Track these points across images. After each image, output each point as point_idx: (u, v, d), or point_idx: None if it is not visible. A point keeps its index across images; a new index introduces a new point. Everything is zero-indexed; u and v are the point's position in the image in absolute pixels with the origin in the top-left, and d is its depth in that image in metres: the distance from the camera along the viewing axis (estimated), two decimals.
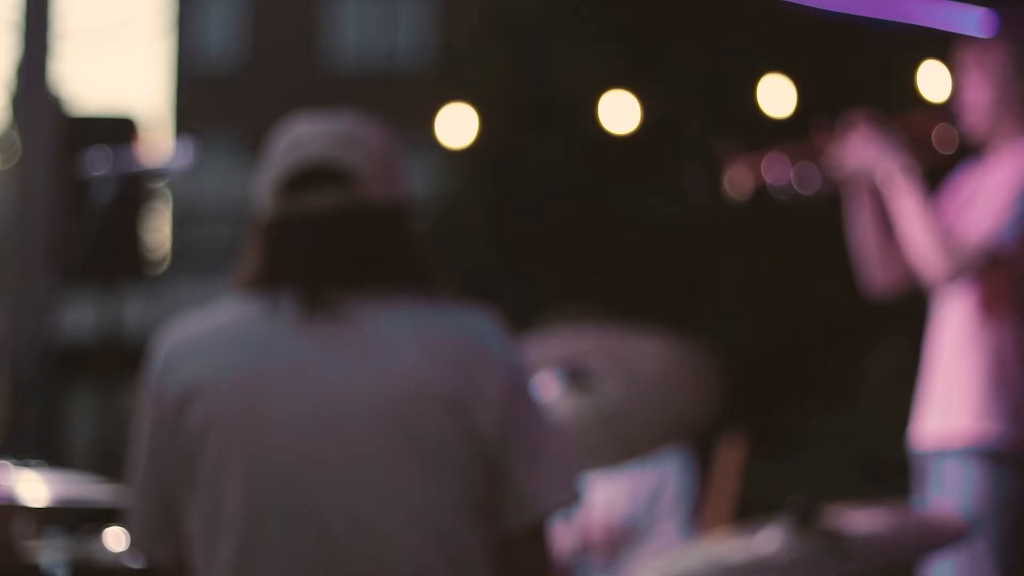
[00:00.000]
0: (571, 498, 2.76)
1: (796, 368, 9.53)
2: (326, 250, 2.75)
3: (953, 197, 4.68)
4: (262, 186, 2.81)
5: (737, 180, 4.75)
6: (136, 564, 3.09)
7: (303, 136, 2.80)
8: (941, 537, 3.28)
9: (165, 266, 20.41)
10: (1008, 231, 4.47)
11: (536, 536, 2.76)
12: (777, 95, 7.42)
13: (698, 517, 5.50)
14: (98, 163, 4.54)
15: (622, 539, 5.34)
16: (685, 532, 5.33)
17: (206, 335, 2.76)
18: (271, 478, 2.66)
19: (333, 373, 2.69)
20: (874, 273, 4.76)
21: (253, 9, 28.77)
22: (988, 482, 4.44)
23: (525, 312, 6.60)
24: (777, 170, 4.73)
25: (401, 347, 2.70)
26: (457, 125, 7.79)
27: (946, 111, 4.66)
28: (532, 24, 11.29)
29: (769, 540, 3.29)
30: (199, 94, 26.93)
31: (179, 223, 23.30)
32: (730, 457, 5.52)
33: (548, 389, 3.67)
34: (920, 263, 4.50)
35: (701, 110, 10.13)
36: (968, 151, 4.74)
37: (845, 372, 7.91)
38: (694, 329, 9.48)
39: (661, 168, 9.99)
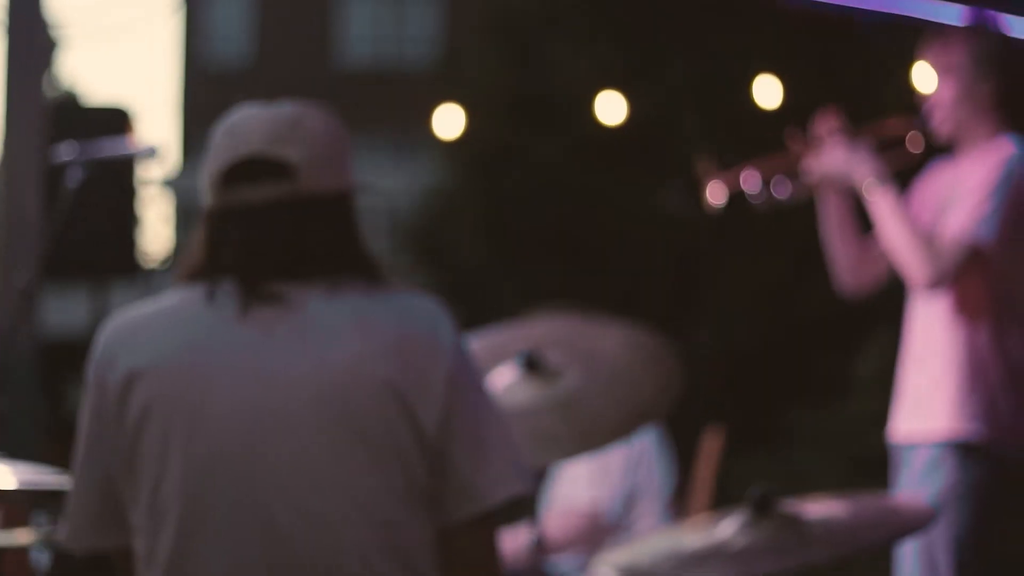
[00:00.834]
0: (518, 490, 2.73)
1: (791, 364, 9.52)
2: (265, 242, 2.71)
3: (925, 196, 4.68)
4: (204, 177, 2.79)
5: (716, 194, 4.78)
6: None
7: (242, 126, 2.77)
8: (905, 524, 3.27)
9: (168, 263, 20.40)
10: (985, 226, 4.46)
11: (483, 527, 2.73)
12: (772, 94, 7.43)
13: (677, 507, 5.50)
14: (68, 150, 4.54)
15: (607, 529, 5.33)
16: (663, 519, 5.32)
17: (148, 323, 2.73)
18: (211, 468, 2.64)
19: (274, 364, 2.66)
20: (844, 276, 4.79)
21: (262, 6, 28.81)
22: (956, 471, 4.45)
23: (523, 311, 6.58)
24: (754, 180, 4.76)
25: (342, 336, 2.67)
26: (455, 123, 7.80)
27: (919, 116, 4.66)
28: (532, 23, 11.29)
29: (729, 528, 3.28)
30: (207, 90, 26.97)
31: (183, 221, 23.31)
32: (710, 450, 5.53)
33: (508, 379, 3.66)
34: (904, 269, 4.51)
35: (699, 109, 10.13)
36: (940, 150, 4.75)
37: (840, 368, 7.90)
38: (690, 327, 9.49)
39: (660, 167, 9.99)
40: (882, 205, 4.53)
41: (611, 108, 7.79)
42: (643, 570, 3.24)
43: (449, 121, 7.62)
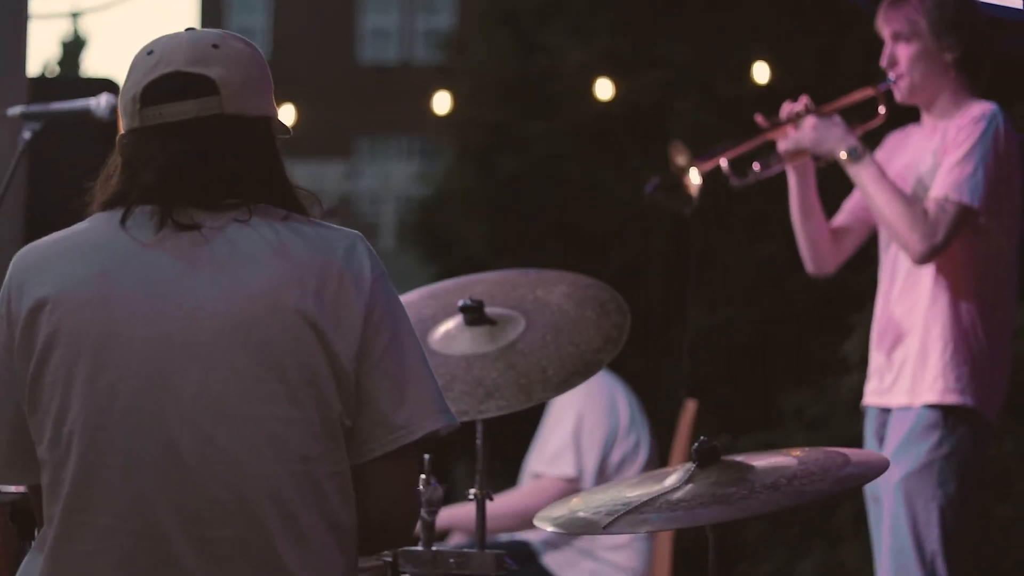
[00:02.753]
0: (438, 427, 2.66)
1: (788, 346, 9.45)
2: (185, 162, 2.64)
3: (899, 165, 4.61)
4: (122, 99, 2.71)
5: (695, 181, 4.74)
6: None
7: (163, 47, 2.71)
8: (854, 474, 3.17)
9: None
10: (969, 184, 4.37)
11: (401, 464, 2.66)
12: (765, 79, 7.39)
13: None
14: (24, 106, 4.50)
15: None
16: None
17: (59, 251, 2.66)
18: (115, 398, 2.56)
19: (185, 291, 2.59)
20: (808, 257, 4.75)
21: (281, 1, 28.83)
22: (942, 434, 4.40)
23: None
24: (730, 162, 4.71)
25: (258, 265, 2.60)
26: (449, 107, 7.84)
27: (883, 82, 4.59)
28: (532, 12, 11.25)
29: (672, 480, 3.19)
30: None
31: None
32: (686, 421, 5.48)
33: (452, 328, 3.59)
34: (899, 240, 4.46)
35: (699, 96, 10.06)
36: (908, 116, 4.69)
37: (836, 348, 7.81)
38: (687, 311, 9.41)
39: (659, 154, 9.91)
40: (867, 177, 4.46)
41: (605, 94, 7.82)
42: (582, 522, 3.16)
43: (446, 106, 7.68)
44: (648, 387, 7.16)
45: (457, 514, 5.37)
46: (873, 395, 4.62)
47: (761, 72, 8.13)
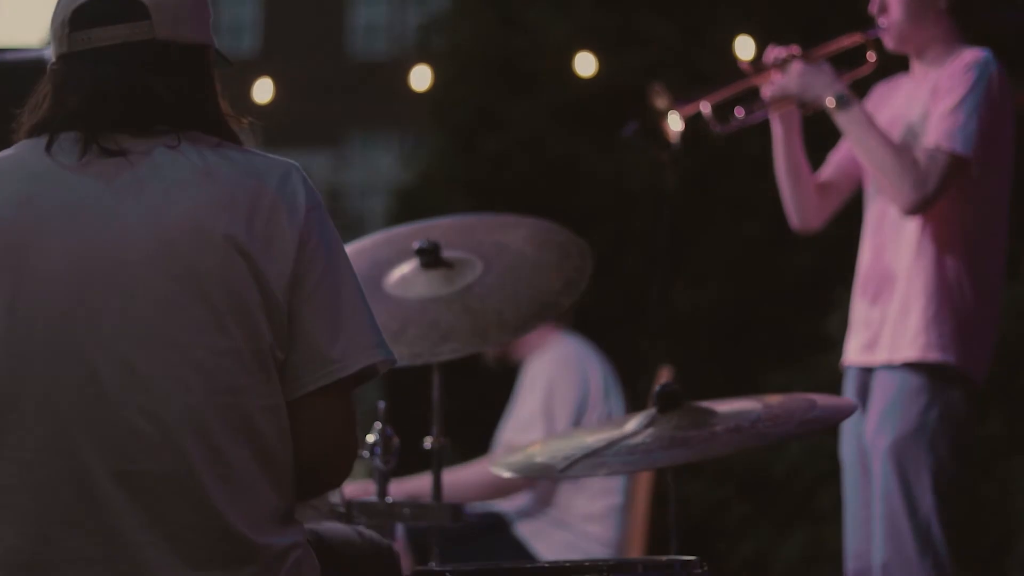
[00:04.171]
0: (374, 360, 2.56)
1: (772, 324, 9.38)
2: (113, 86, 2.56)
3: (888, 114, 4.48)
4: (52, 24, 2.63)
5: (674, 125, 4.60)
6: None
7: None
8: (817, 417, 3.07)
9: None
10: (962, 134, 4.24)
11: (336, 398, 2.56)
12: (750, 56, 7.27)
13: None
14: None
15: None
16: None
17: None
18: (35, 324, 2.46)
19: (109, 217, 2.50)
20: (793, 213, 4.61)
21: None
22: (924, 394, 4.27)
23: None
24: (715, 109, 4.58)
25: (185, 190, 2.51)
26: (427, 81, 7.74)
27: (873, 28, 4.46)
28: None
29: (633, 424, 3.09)
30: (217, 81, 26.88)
31: None
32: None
33: (407, 271, 3.49)
34: (889, 190, 4.31)
35: (679, 71, 9.97)
36: (897, 64, 4.57)
37: (820, 325, 7.73)
38: (670, 289, 9.34)
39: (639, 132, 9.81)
40: (855, 124, 4.32)
41: (587, 69, 7.73)
42: (539, 466, 3.05)
43: (425, 82, 7.58)
44: (632, 363, 7.06)
45: (427, 484, 5.26)
46: (855, 353, 4.47)
47: (745, 48, 8.01)
